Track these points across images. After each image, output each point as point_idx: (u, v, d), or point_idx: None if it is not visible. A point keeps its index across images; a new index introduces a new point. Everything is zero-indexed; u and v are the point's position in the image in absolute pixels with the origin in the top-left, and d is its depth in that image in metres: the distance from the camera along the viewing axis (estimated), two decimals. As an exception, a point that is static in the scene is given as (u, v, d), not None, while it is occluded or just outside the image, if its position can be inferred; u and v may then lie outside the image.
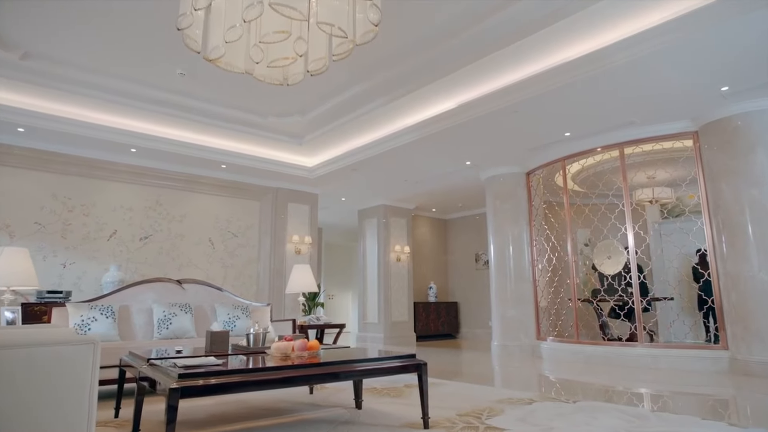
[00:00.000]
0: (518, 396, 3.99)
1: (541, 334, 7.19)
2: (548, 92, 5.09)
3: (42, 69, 5.24)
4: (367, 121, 6.59)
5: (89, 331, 4.24)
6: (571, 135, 6.31)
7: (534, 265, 7.46)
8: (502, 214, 7.80)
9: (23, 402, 1.80)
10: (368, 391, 4.21)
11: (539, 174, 7.58)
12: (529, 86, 5.12)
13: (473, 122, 5.91)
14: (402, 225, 10.61)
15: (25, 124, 5.81)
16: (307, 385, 2.54)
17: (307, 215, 9.08)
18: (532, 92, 5.15)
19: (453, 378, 5.17)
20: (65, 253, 6.51)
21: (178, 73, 5.30)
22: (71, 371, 1.92)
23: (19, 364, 1.81)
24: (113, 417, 3.39)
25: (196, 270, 7.54)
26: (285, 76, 3.90)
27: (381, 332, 9.82)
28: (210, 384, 2.26)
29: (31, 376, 1.83)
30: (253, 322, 5.02)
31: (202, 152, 7.07)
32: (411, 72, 5.33)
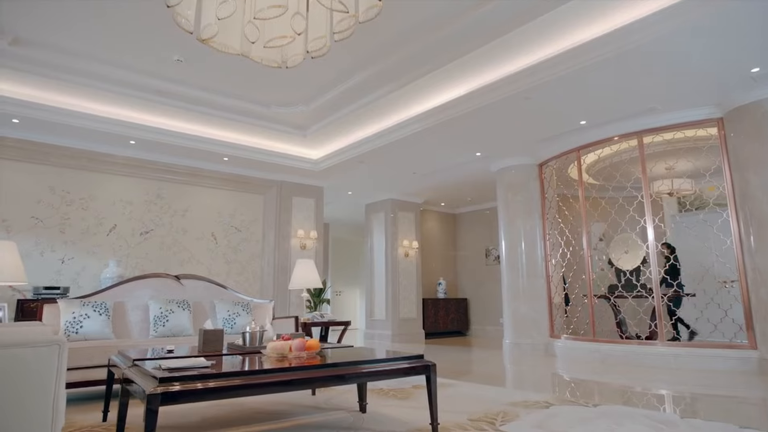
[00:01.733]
0: (534, 398, 3.73)
1: (555, 331, 6.92)
2: (562, 77, 4.80)
3: (34, 56, 5.04)
4: (373, 110, 6.34)
5: (81, 328, 4.04)
6: (586, 123, 6.02)
7: (547, 260, 7.18)
8: (513, 208, 7.52)
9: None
10: (374, 392, 3.98)
11: (552, 165, 7.29)
12: (542, 71, 4.84)
13: (483, 110, 5.64)
14: (410, 220, 10.36)
15: (19, 114, 5.63)
16: (303, 389, 2.30)
17: (313, 209, 8.86)
18: (545, 77, 4.87)
19: (463, 378, 4.92)
20: (64, 248, 6.34)
21: (175, 60, 5.08)
22: (32, 376, 1.70)
23: (-31, 369, 1.59)
24: (101, 420, 3.18)
25: (199, 265, 7.34)
26: (284, 58, 3.65)
27: (389, 329, 9.59)
28: (193, 389, 2.03)
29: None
30: (252, 319, 4.80)
31: (203, 144, 6.87)
32: (418, 56, 5.06)
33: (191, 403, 2.10)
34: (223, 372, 2.15)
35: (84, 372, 3.71)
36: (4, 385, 1.64)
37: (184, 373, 2.08)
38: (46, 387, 1.73)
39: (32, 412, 1.69)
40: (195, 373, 2.10)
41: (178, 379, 2.05)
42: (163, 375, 2.06)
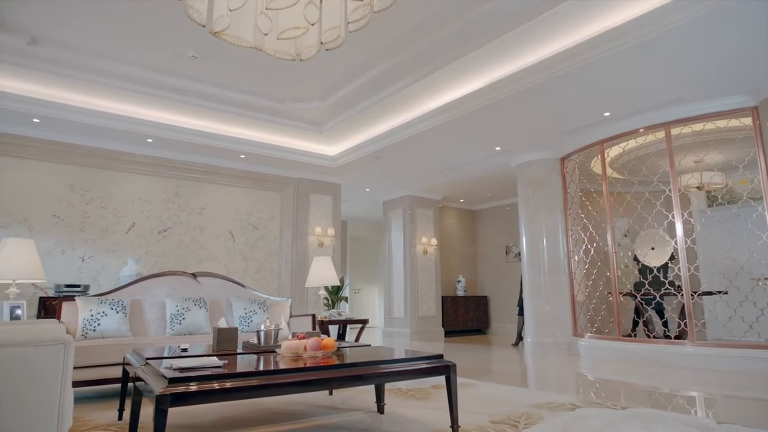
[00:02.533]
0: (558, 400, 3.59)
1: (579, 330, 6.72)
2: (585, 67, 4.62)
3: (51, 55, 5.06)
4: (390, 105, 6.23)
5: (98, 326, 4.04)
6: (610, 115, 5.81)
7: (570, 257, 6.99)
8: (534, 203, 7.34)
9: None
10: (392, 392, 3.88)
11: (575, 159, 7.08)
12: (564, 61, 4.66)
13: (503, 103, 5.48)
14: (429, 216, 10.22)
15: (39, 114, 5.67)
16: (317, 390, 2.22)
17: (330, 206, 8.80)
18: (567, 67, 4.69)
19: (484, 377, 4.79)
20: (84, 246, 6.38)
21: (189, 56, 5.05)
22: (37, 375, 1.64)
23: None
24: (117, 419, 3.15)
25: (217, 263, 7.34)
26: (297, 51, 3.57)
27: (407, 327, 9.49)
28: (204, 389, 1.96)
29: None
30: (267, 317, 4.74)
31: (219, 141, 6.85)
32: (435, 49, 4.93)
33: (202, 404, 2.03)
34: (234, 372, 2.08)
35: (101, 370, 3.70)
36: (9, 385, 1.59)
37: (194, 374, 2.02)
38: (51, 387, 1.67)
39: (37, 412, 1.64)
40: (205, 373, 2.03)
41: (188, 379, 1.98)
42: (173, 375, 2.00)
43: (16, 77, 5.35)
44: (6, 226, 5.96)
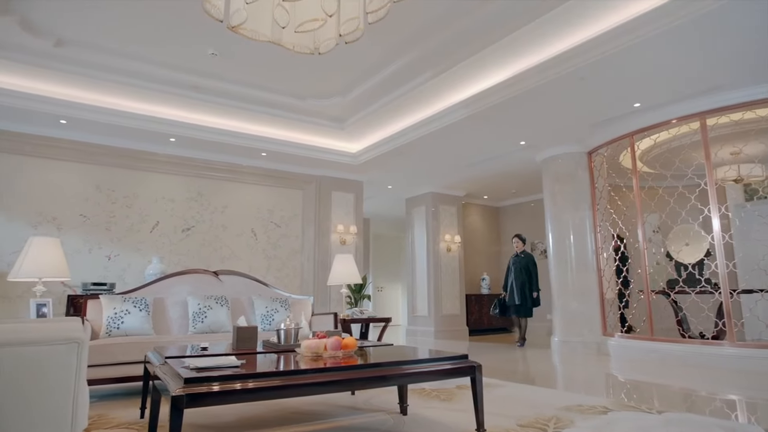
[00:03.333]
0: (589, 402, 3.44)
1: (608, 329, 6.51)
2: (615, 54, 4.43)
3: (76, 57, 5.13)
4: (411, 99, 6.12)
5: (122, 324, 4.05)
6: (641, 105, 5.58)
7: (598, 254, 6.77)
8: (561, 199, 7.14)
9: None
10: (415, 393, 3.79)
11: (603, 153, 6.85)
12: (592, 49, 4.48)
13: (528, 95, 5.32)
14: (452, 213, 10.08)
15: (66, 115, 5.76)
16: (337, 391, 2.14)
17: (352, 204, 8.74)
18: (595, 56, 4.50)
19: (510, 378, 4.66)
20: (110, 245, 6.47)
21: (209, 54, 5.04)
22: (50, 374, 1.61)
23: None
24: (139, 417, 3.14)
25: (239, 262, 7.36)
26: (316, 44, 3.50)
27: (431, 326, 9.37)
28: (220, 390, 1.91)
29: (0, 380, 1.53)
30: (288, 316, 4.71)
31: (241, 140, 6.85)
32: (457, 40, 4.81)
33: (217, 405, 1.98)
34: (252, 373, 2.02)
35: (124, 368, 3.71)
36: (21, 385, 1.55)
37: (210, 374, 1.96)
38: (64, 387, 1.63)
39: (50, 412, 1.60)
40: (221, 373, 1.98)
41: (204, 380, 1.93)
42: (190, 375, 1.95)
43: (44, 79, 5.44)
44: (36, 226, 6.08)
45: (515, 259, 7.98)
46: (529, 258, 7.91)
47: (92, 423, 3.04)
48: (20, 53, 5.00)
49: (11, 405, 1.53)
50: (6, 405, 1.53)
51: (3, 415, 1.52)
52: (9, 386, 1.54)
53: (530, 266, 7.84)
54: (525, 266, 7.81)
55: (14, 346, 1.56)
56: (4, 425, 1.52)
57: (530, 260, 7.90)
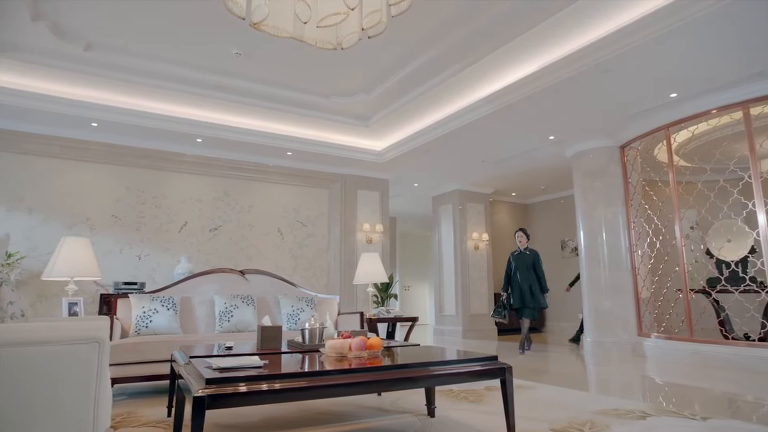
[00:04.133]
0: (625, 406, 3.28)
1: (644, 329, 6.26)
2: (649, 42, 4.23)
3: (105, 60, 5.21)
4: (437, 95, 6.02)
5: (150, 323, 4.09)
6: (677, 96, 5.34)
7: (632, 251, 6.53)
8: (592, 195, 6.92)
9: (11, 410, 1.49)
10: (443, 394, 3.70)
11: (636, 146, 6.60)
12: (625, 38, 4.29)
13: (556, 88, 5.16)
14: (479, 211, 9.91)
15: (97, 118, 5.88)
16: (359, 393, 2.08)
17: (378, 202, 8.68)
18: (628, 44, 4.31)
19: (541, 379, 4.51)
20: (140, 245, 6.59)
21: (233, 53, 5.05)
22: (71, 374, 1.59)
23: (1, 367, 1.50)
24: (166, 416, 3.15)
25: (266, 261, 7.39)
26: (338, 39, 3.45)
27: (459, 325, 9.24)
28: (242, 391, 1.86)
29: (21, 379, 1.52)
30: (312, 315, 4.67)
31: (266, 139, 6.88)
32: (482, 33, 4.68)
33: (240, 406, 1.94)
34: (274, 374, 1.97)
35: (153, 366, 3.73)
36: (43, 383, 1.54)
37: (232, 375, 1.92)
38: (86, 386, 1.62)
39: (72, 411, 1.59)
40: (243, 374, 1.93)
41: (226, 380, 1.89)
42: (211, 376, 1.91)
43: (75, 83, 5.56)
44: (71, 226, 6.23)
45: (518, 256, 7.17)
46: (535, 255, 7.14)
47: (121, 420, 3.06)
48: (52, 58, 5.11)
49: (33, 403, 1.52)
50: (28, 403, 1.52)
51: (25, 413, 1.51)
52: (31, 384, 1.53)
53: (537, 264, 7.07)
54: (531, 264, 7.04)
55: (36, 345, 1.56)
56: (26, 424, 1.51)
57: (537, 258, 7.13)
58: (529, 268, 7.02)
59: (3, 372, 1.51)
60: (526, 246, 7.19)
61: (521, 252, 7.18)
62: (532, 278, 6.97)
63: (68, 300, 3.98)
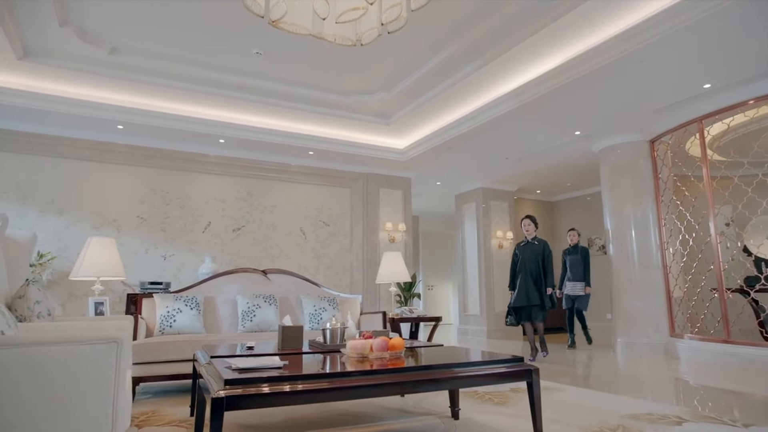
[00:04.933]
0: (659, 411, 3.14)
1: (676, 330, 6.04)
2: (681, 30, 4.06)
3: (130, 63, 5.27)
4: (459, 91, 5.91)
5: (174, 322, 4.13)
6: (711, 86, 5.13)
7: (663, 249, 6.31)
8: (620, 191, 6.72)
9: (30, 409, 1.49)
10: (467, 395, 3.62)
11: (667, 141, 6.38)
12: (656, 26, 4.12)
13: (583, 81, 5.01)
14: (503, 209, 9.75)
15: (122, 120, 5.98)
16: (381, 395, 2.02)
17: (400, 201, 8.62)
18: (658, 34, 4.14)
19: (568, 381, 4.39)
20: (165, 245, 6.68)
21: (254, 53, 5.05)
22: (90, 374, 1.58)
23: (21, 367, 1.49)
24: (189, 415, 3.16)
25: (288, 260, 7.41)
26: (358, 35, 3.40)
27: (483, 325, 9.11)
28: (261, 393, 1.83)
29: (41, 378, 1.51)
30: (333, 315, 4.65)
31: (288, 139, 6.89)
32: (506, 25, 4.56)
33: (259, 408, 1.90)
34: (293, 375, 1.93)
35: (176, 365, 3.75)
36: (61, 383, 1.53)
37: (251, 376, 1.89)
38: (105, 386, 1.60)
39: (90, 412, 1.57)
40: (262, 375, 1.90)
41: (244, 381, 1.86)
42: (230, 377, 1.88)
43: (101, 86, 5.65)
44: (98, 227, 6.36)
45: (525, 247, 6.19)
46: (544, 246, 6.11)
47: (146, 418, 3.08)
48: (78, 62, 5.20)
49: (52, 403, 1.52)
50: (46, 403, 1.51)
51: (44, 412, 1.50)
52: (50, 384, 1.52)
53: (546, 257, 6.04)
54: (540, 257, 6.04)
55: (56, 345, 1.55)
56: (45, 422, 1.51)
57: (546, 249, 6.08)
58: (537, 261, 6.03)
59: (24, 371, 1.50)
60: (534, 236, 6.21)
61: (528, 243, 6.19)
62: (539, 273, 6.00)
63: (94, 299, 4.04)
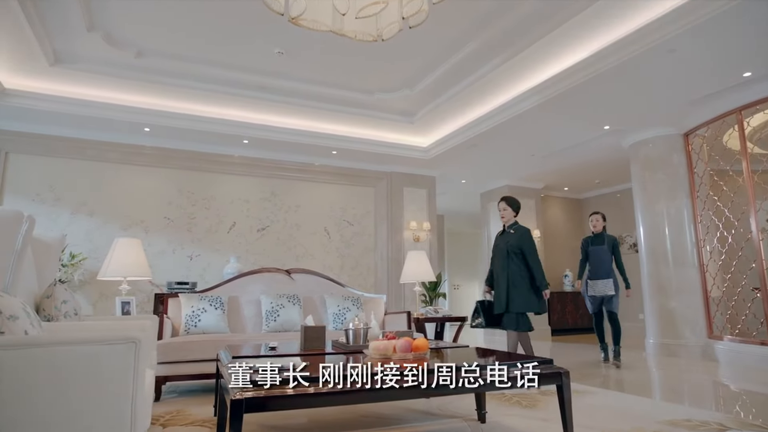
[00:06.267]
0: (698, 417, 2.99)
1: (715, 331, 5.79)
2: (719, 16, 3.86)
3: (155, 66, 5.34)
4: (483, 87, 5.79)
5: (199, 322, 4.15)
6: (751, 75, 4.88)
7: (700, 247, 6.05)
8: (653, 187, 6.48)
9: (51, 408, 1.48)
10: (495, 397, 3.52)
11: (702, 134, 6.12)
12: (693, 12, 3.94)
13: (609, 75, 4.85)
14: (530, 207, 9.55)
15: (149, 123, 6.08)
16: (403, 399, 1.96)
17: (425, 200, 8.53)
18: (696, 19, 3.96)
19: (600, 384, 4.23)
20: (191, 245, 6.75)
21: (276, 53, 5.05)
22: (108, 374, 1.57)
23: (42, 366, 1.49)
24: (213, 415, 3.15)
25: (313, 260, 7.41)
26: (378, 30, 3.35)
27: (510, 325, 8.92)
28: (282, 395, 1.79)
29: (61, 378, 1.51)
30: (356, 315, 4.59)
31: (311, 138, 6.89)
32: (530, 18, 4.43)
33: (278, 411, 1.86)
34: (315, 377, 1.88)
35: (201, 365, 3.76)
36: (81, 383, 1.53)
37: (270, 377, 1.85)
38: (123, 386, 1.59)
39: (110, 411, 1.56)
40: (283, 377, 1.86)
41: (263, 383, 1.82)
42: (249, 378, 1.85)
43: (128, 90, 5.75)
44: (126, 228, 6.47)
45: (500, 238, 4.90)
46: (521, 235, 4.67)
47: (171, 417, 3.09)
48: (106, 66, 5.30)
49: (71, 402, 1.51)
50: (66, 402, 1.50)
51: (64, 411, 1.50)
52: (70, 383, 1.52)
53: (527, 249, 4.60)
54: (517, 249, 4.62)
55: (75, 345, 1.55)
56: (65, 423, 1.50)
57: (524, 238, 4.64)
58: (513, 255, 4.62)
59: (45, 370, 1.50)
60: (513, 222, 4.81)
61: (504, 232, 4.89)
62: (514, 269, 4.59)
63: (121, 299, 4.10)
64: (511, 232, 4.76)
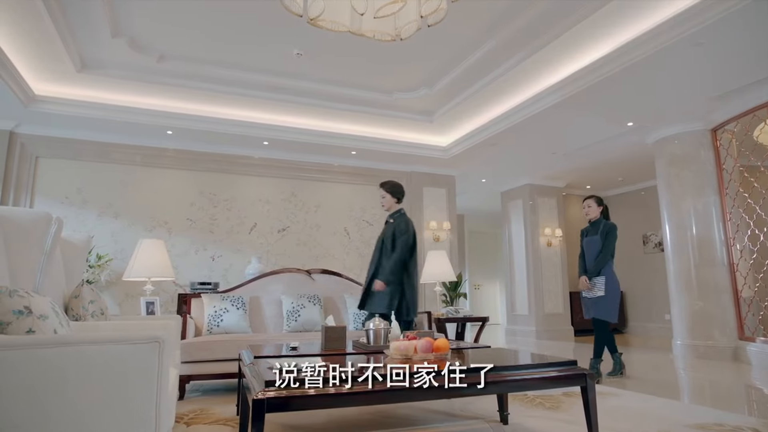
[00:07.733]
0: (730, 421, 2.90)
1: (746, 332, 5.62)
2: (750, 5, 3.74)
3: (177, 70, 5.42)
4: (503, 85, 5.73)
5: (222, 322, 4.20)
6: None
7: (730, 245, 5.88)
8: (679, 184, 6.32)
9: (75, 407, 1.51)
10: (517, 399, 3.47)
11: (731, 129, 5.95)
12: (718, 3, 3.83)
13: (632, 70, 4.74)
14: (551, 206, 9.43)
15: (171, 126, 6.18)
16: (426, 400, 1.95)
17: (445, 199, 8.49)
18: (725, 10, 3.84)
19: (625, 385, 4.15)
20: (213, 246, 6.84)
21: (295, 54, 5.08)
22: (131, 374, 1.59)
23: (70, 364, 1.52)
24: (235, 414, 3.19)
25: (333, 260, 7.44)
26: (397, 30, 3.34)
27: (532, 326, 8.83)
28: (303, 395, 1.79)
29: (85, 377, 1.53)
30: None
31: (330, 139, 6.91)
32: (551, 13, 4.36)
33: (300, 411, 1.87)
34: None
35: (224, 364, 3.80)
36: (105, 383, 1.55)
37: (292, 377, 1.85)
38: (147, 385, 1.61)
39: (134, 410, 1.58)
40: (304, 377, 1.86)
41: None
42: (271, 378, 1.86)
43: (150, 93, 5.86)
44: (150, 230, 6.59)
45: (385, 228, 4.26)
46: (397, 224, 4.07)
47: (194, 416, 3.13)
48: (130, 71, 5.40)
49: (97, 400, 1.53)
50: (92, 400, 1.53)
51: (90, 409, 1.52)
52: (96, 382, 1.54)
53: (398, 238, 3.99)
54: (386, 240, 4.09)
55: (101, 344, 1.57)
56: (92, 419, 1.53)
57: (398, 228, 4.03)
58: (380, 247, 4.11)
59: (72, 369, 1.53)
60: (397, 210, 4.18)
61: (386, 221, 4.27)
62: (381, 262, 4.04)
63: (146, 299, 4.17)
64: (390, 221, 4.16)
